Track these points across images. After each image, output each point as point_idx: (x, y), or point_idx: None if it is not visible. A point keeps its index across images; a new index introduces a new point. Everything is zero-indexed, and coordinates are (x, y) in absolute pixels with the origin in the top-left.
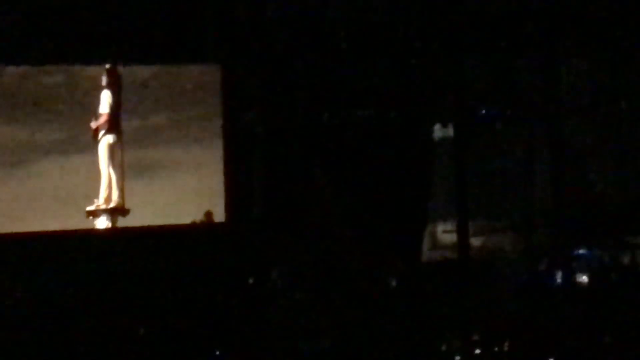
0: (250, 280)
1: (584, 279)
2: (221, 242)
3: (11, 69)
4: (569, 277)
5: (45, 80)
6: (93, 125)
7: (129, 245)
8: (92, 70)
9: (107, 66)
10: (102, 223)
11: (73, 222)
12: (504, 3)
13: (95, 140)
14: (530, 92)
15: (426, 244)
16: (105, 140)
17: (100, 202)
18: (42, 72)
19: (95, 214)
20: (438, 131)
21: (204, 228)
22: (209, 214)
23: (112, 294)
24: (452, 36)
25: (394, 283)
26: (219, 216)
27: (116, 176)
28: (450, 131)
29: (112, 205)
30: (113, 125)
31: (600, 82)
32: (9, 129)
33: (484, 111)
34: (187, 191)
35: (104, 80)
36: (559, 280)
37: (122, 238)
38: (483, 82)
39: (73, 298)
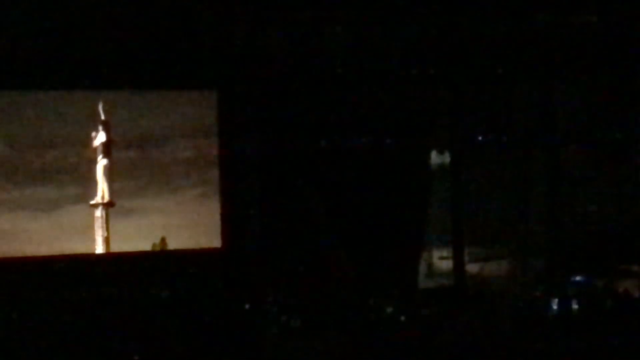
0: (245, 307)
1: (579, 306)
2: (216, 268)
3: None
4: (565, 304)
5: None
6: (94, 145)
7: (124, 270)
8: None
9: (102, 118)
10: (99, 212)
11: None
12: (500, 30)
13: (95, 162)
14: (526, 120)
15: (422, 270)
16: (101, 163)
17: (98, 199)
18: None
19: (96, 206)
20: (434, 158)
21: (200, 254)
22: (163, 240)
23: (105, 319)
24: (449, 63)
25: (389, 310)
26: (215, 242)
27: (107, 184)
28: (446, 158)
29: (105, 201)
30: (106, 153)
31: (596, 110)
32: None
33: (480, 138)
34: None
35: (100, 127)
36: (554, 307)
37: (117, 263)
38: (479, 109)
39: (68, 322)
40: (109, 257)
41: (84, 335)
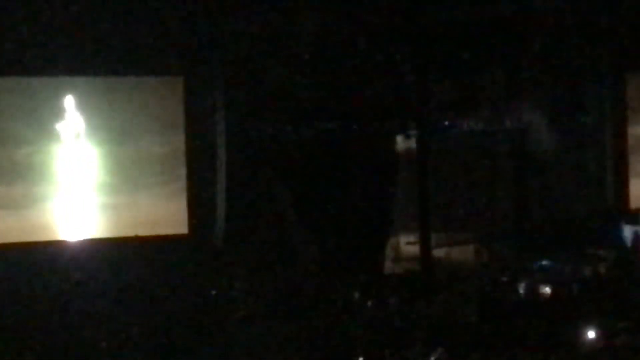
0: (212, 292)
1: (546, 290)
2: (183, 255)
3: None
4: (531, 288)
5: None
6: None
7: (94, 256)
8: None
9: (70, 112)
10: (71, 207)
11: None
12: (467, 16)
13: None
14: (492, 105)
15: (389, 255)
16: (71, 157)
17: (71, 194)
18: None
19: (69, 200)
20: (401, 143)
21: (166, 240)
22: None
23: (76, 305)
24: (416, 48)
25: (356, 295)
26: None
27: (78, 179)
28: (413, 143)
29: (77, 195)
30: (76, 147)
31: (561, 96)
32: None
33: (446, 123)
34: None
35: (68, 121)
36: (521, 291)
37: (88, 249)
38: (446, 95)
39: (41, 307)
40: (79, 244)
41: (53, 319)
